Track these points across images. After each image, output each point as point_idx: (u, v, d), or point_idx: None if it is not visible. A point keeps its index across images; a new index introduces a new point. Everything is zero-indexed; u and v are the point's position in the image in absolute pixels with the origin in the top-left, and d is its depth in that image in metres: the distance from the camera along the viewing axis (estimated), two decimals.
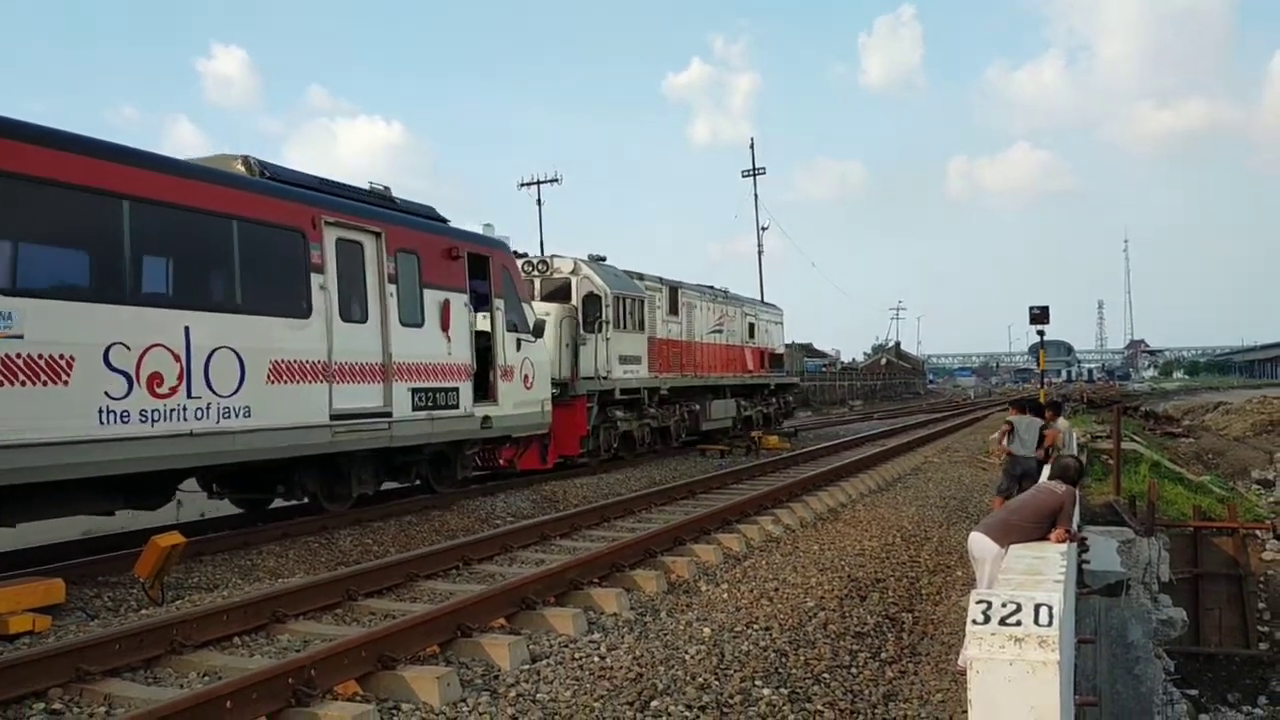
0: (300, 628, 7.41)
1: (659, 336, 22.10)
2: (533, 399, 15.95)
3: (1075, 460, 8.88)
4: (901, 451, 24.07)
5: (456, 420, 13.86)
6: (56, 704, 5.84)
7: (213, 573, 9.85)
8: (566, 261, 19.53)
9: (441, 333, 13.63)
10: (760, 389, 29.29)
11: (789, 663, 7.13)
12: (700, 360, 24.57)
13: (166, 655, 6.61)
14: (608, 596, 8.21)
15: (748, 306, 28.86)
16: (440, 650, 6.74)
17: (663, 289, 22.61)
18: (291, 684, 5.55)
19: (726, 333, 26.70)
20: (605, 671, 6.47)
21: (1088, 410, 44.22)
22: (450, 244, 13.98)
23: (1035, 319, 27.39)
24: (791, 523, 12.73)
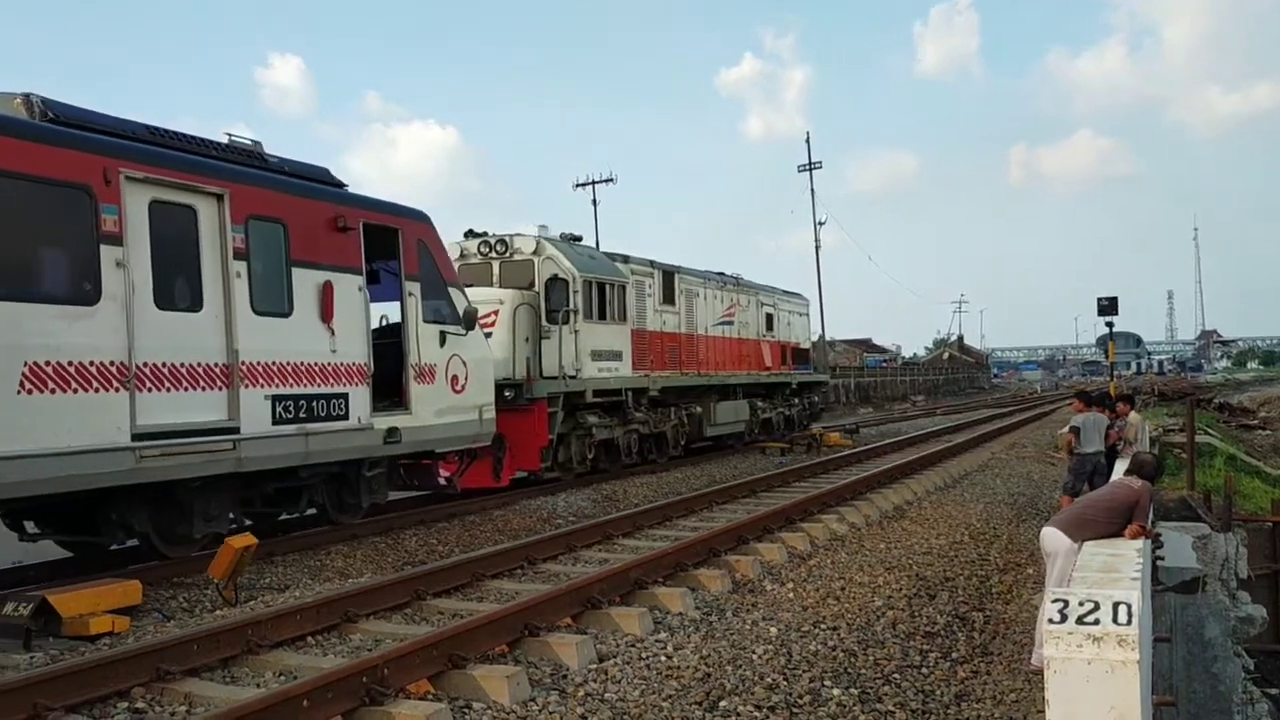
0: (371, 627, 7.49)
1: (649, 329, 19.11)
2: (464, 405, 13.06)
3: (1152, 456, 8.92)
4: (967, 448, 23.61)
5: (344, 435, 11.02)
6: (139, 703, 5.93)
7: (284, 573, 10.07)
8: (528, 240, 16.62)
9: (320, 324, 10.80)
10: (780, 388, 26.13)
11: (858, 662, 7.06)
12: (704, 356, 21.53)
13: (243, 655, 6.66)
14: (673, 596, 8.23)
15: (765, 295, 25.71)
16: (508, 649, 6.79)
17: (654, 274, 19.61)
18: (365, 683, 5.60)
19: (738, 324, 23.62)
20: (673, 671, 6.52)
21: (1159, 403, 42.20)
22: (336, 211, 11.13)
23: (1103, 310, 26.97)
24: (856, 521, 12.58)
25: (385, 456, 11.92)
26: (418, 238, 12.46)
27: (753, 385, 24.09)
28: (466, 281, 16.38)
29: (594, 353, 16.69)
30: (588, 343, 16.56)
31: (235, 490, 10.38)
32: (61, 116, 8.92)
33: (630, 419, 18.07)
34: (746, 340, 24.07)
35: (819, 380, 29.66)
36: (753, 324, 24.57)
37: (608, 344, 17.17)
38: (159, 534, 9.84)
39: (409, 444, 12.07)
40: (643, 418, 18.50)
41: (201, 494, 9.90)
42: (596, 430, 16.99)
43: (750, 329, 24.38)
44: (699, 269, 22.08)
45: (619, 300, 17.62)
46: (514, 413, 15.25)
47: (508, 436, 15.23)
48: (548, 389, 15.54)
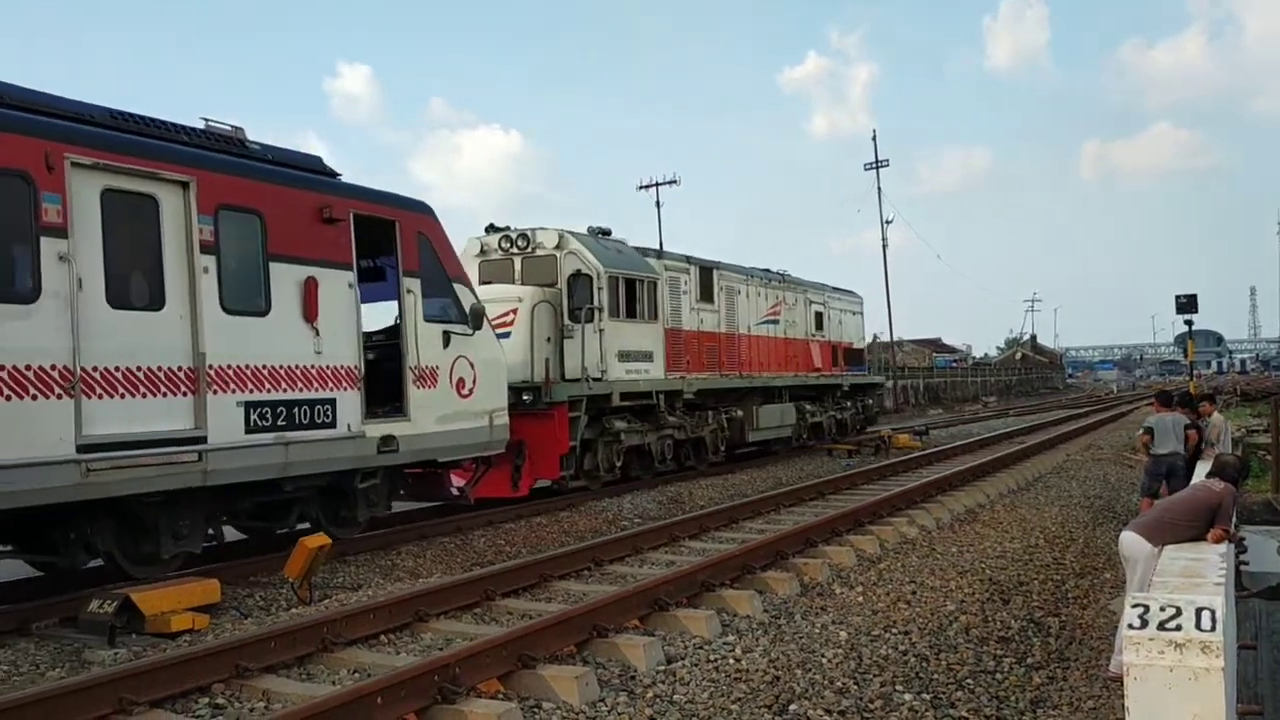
0: (442, 626, 7.57)
1: (684, 328, 18.07)
2: (472, 410, 12.17)
3: (1235, 458, 8.86)
4: (1041, 449, 23.09)
5: (331, 444, 10.19)
6: (219, 699, 6.05)
7: (356, 573, 10.29)
8: (550, 234, 15.69)
9: (304, 324, 9.99)
10: (830, 390, 24.89)
11: (930, 667, 7.00)
12: (745, 356, 20.44)
13: (318, 653, 6.78)
14: (740, 598, 8.22)
15: (814, 292, 24.50)
16: (577, 650, 6.81)
17: (690, 270, 18.56)
18: (438, 681, 5.67)
19: (784, 323, 22.47)
20: (741, 674, 6.50)
21: (1242, 403, 40.61)
22: (321, 201, 10.31)
23: (1182, 308, 26.32)
24: (927, 524, 12.39)
25: (381, 467, 11.05)
26: (417, 230, 11.60)
27: (800, 387, 22.91)
28: (487, 279, 15.59)
29: (621, 353, 15.72)
30: (614, 342, 15.59)
31: (210, 505, 9.60)
32: (4, 97, 8.19)
33: (663, 424, 17.06)
34: (793, 340, 22.90)
35: (873, 382, 28.30)
36: (800, 323, 23.40)
37: (637, 344, 16.18)
38: (124, 553, 9.09)
39: (407, 453, 11.21)
40: (677, 422, 17.48)
41: (169, 510, 9.13)
42: (625, 436, 16.02)
43: (798, 328, 23.21)
44: (741, 264, 20.98)
45: (650, 297, 16.63)
46: (533, 418, 14.36)
47: (527, 443, 14.35)
48: (568, 392, 14.60)
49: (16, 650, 7.41)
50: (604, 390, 15.26)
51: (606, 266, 15.51)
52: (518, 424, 14.17)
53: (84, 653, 7.34)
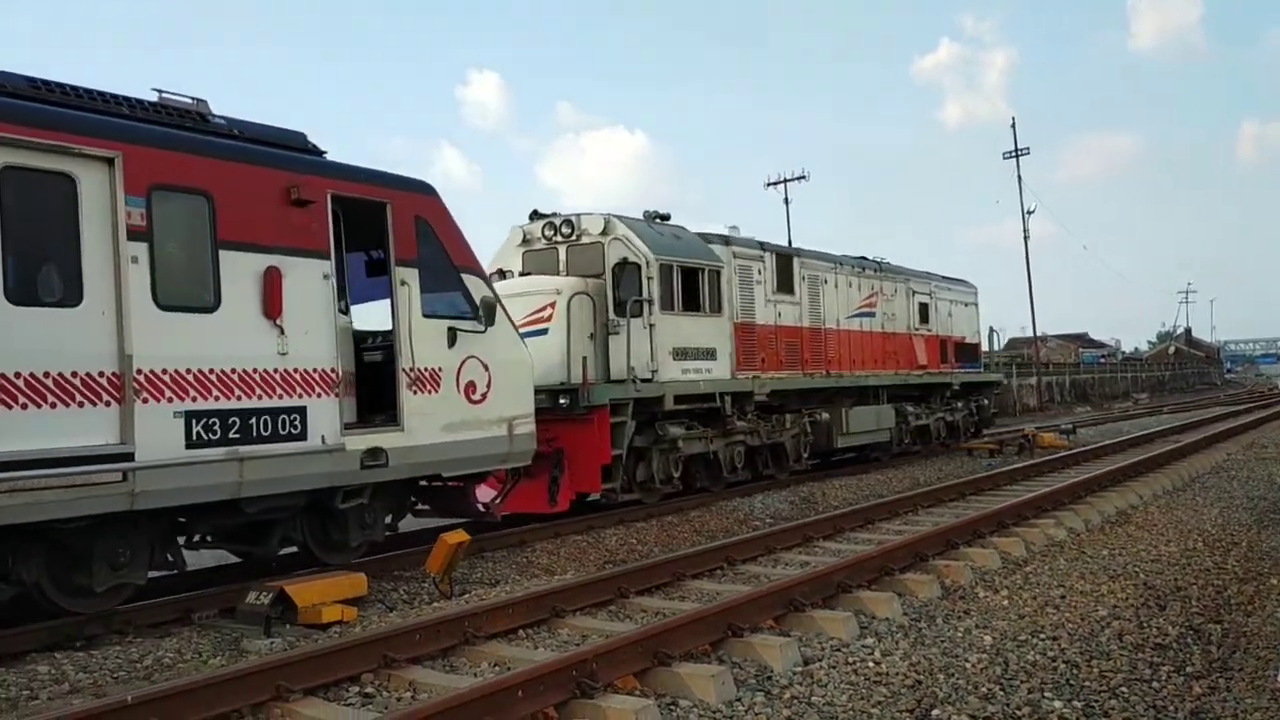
0: (578, 623, 7.73)
1: (758, 322, 16.36)
2: (485, 418, 10.79)
3: None
4: (1198, 448, 21.99)
5: (300, 459, 8.93)
6: (369, 688, 6.32)
7: (493, 569, 10.64)
8: (595, 219, 14.21)
9: (263, 321, 8.76)
10: (937, 389, 22.70)
11: (1081, 675, 6.70)
12: (834, 353, 18.57)
13: (460, 645, 7.02)
14: (879, 600, 8.14)
15: (918, 282, 22.37)
16: (711, 649, 6.85)
17: (765, 257, 16.81)
18: (576, 676, 5.78)
19: (881, 316, 20.47)
20: (881, 677, 6.41)
21: None
22: (289, 180, 9.07)
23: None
24: (1076, 526, 12.02)
25: (368, 485, 9.73)
26: (415, 214, 10.27)
27: (900, 387, 20.86)
28: (531, 269, 14.24)
29: (676, 350, 14.13)
30: (668, 338, 14.00)
31: (155, 530, 8.45)
32: None
33: (731, 429, 15.38)
34: (893, 334, 20.88)
35: (988, 380, 25.84)
36: (901, 315, 21.34)
37: (695, 340, 14.56)
38: (55, 585, 8.00)
39: (401, 468, 9.89)
40: (747, 427, 15.76)
41: (103, 537, 8.00)
42: (684, 443, 14.40)
43: (898, 321, 21.17)
44: (828, 252, 19.10)
45: (713, 288, 14.98)
46: (571, 424, 12.93)
47: (566, 452, 12.92)
48: (610, 394, 13.09)
49: (181, 638, 7.94)
50: (654, 392, 13.69)
51: (657, 254, 13.93)
52: (556, 431, 12.82)
53: (242, 642, 7.81)
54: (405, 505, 10.99)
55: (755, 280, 16.45)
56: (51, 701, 6.51)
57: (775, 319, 16.90)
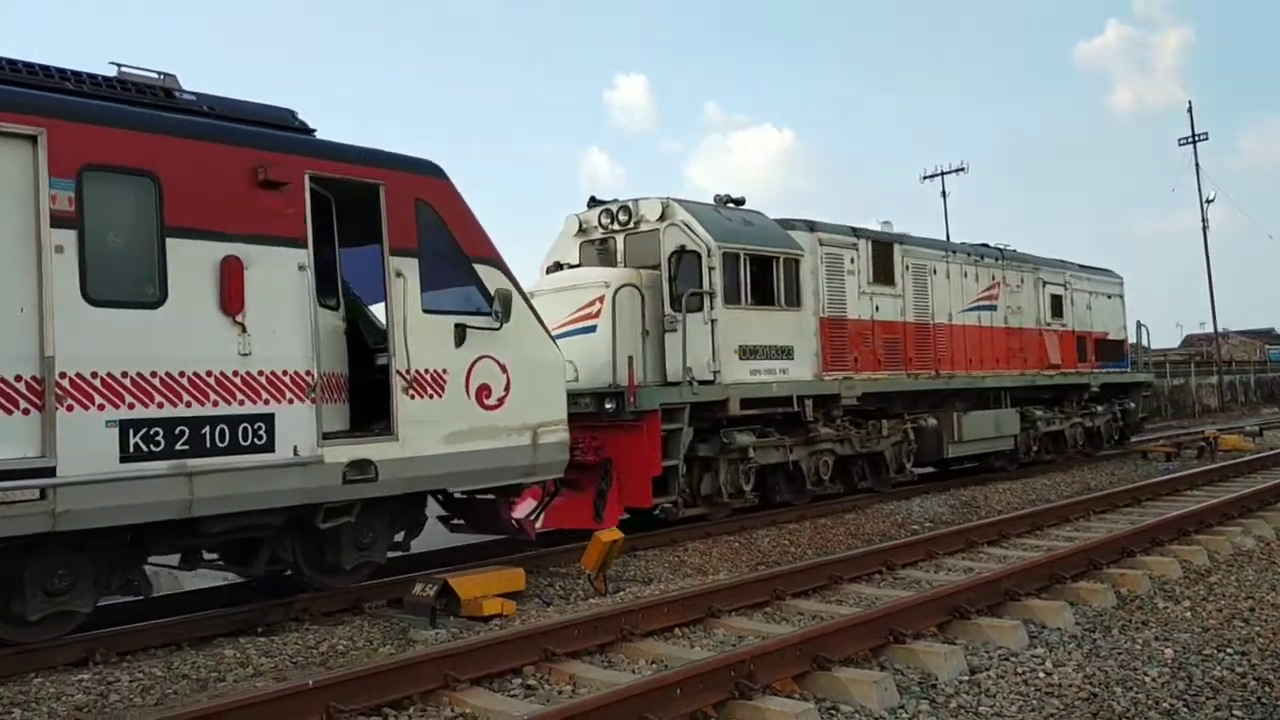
0: (734, 624, 7.72)
1: (849, 316, 14.75)
2: (503, 425, 9.67)
3: None
4: None
5: (265, 473, 7.97)
6: (530, 680, 6.44)
7: (646, 567, 10.77)
8: (653, 204, 12.90)
9: (221, 318, 7.83)
10: (1073, 391, 20.43)
11: (1275, 693, 6.32)
12: (944, 351, 16.75)
13: (617, 642, 7.10)
14: (1049, 609, 7.83)
15: (1049, 271, 20.18)
16: (871, 655, 6.75)
17: (858, 245, 15.15)
18: (734, 677, 5.79)
19: (1004, 309, 18.46)
20: (1053, 689, 6.22)
21: None
22: (257, 159, 8.12)
23: None
24: (1265, 534, 11.42)
25: (355, 501, 8.70)
26: (416, 197, 9.21)
27: (1028, 388, 18.78)
28: (588, 261, 13.09)
29: (743, 349, 12.68)
30: (732, 335, 12.58)
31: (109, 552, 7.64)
32: None
33: (815, 436, 13.82)
34: (1018, 329, 18.82)
35: (1135, 381, 23.25)
36: (1029, 308, 19.24)
37: (768, 336, 13.07)
38: None
39: (394, 482, 8.83)
40: (834, 434, 14.16)
41: (33, 561, 7.21)
42: (756, 452, 12.95)
43: (1025, 315, 19.08)
44: (937, 238, 17.24)
45: (790, 279, 13.45)
46: (617, 431, 11.69)
47: (616, 462, 11.68)
48: (661, 398, 11.75)
49: (353, 627, 8.37)
50: (716, 395, 12.28)
51: (721, 240, 12.51)
52: (604, 439, 11.62)
53: (409, 632, 8.18)
54: (418, 522, 9.94)
55: (847, 270, 14.83)
56: (238, 684, 6.93)
57: (871, 313, 15.23)
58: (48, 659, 7.32)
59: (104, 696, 6.69)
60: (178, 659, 7.46)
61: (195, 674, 7.14)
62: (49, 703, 6.53)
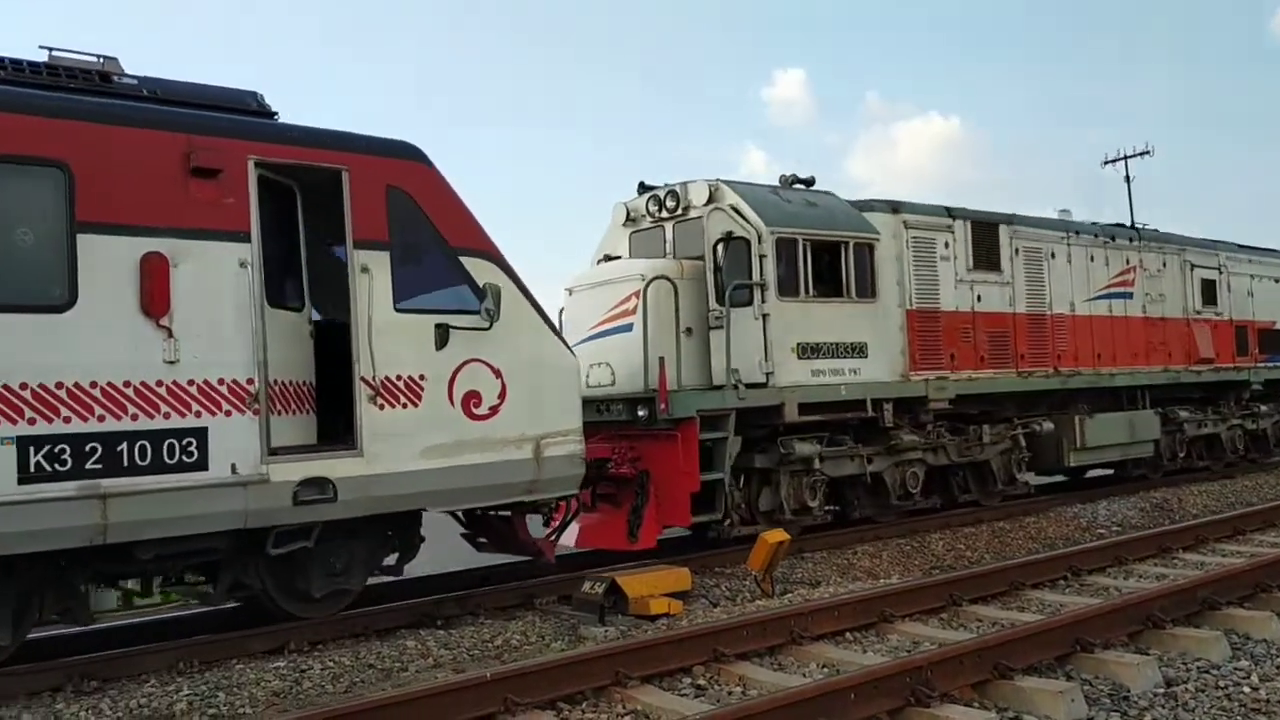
0: (908, 629, 7.59)
1: (942, 308, 13.10)
2: (498, 437, 8.67)
3: None
4: None
5: (195, 494, 7.16)
6: (700, 680, 6.48)
7: (813, 569, 10.56)
8: (700, 188, 11.61)
9: (143, 320, 7.09)
10: (1231, 389, 17.95)
11: None
12: (1066, 344, 14.85)
13: (787, 644, 7.06)
14: (1254, 620, 7.35)
15: (1197, 253, 17.79)
16: (1057, 664, 6.51)
17: (954, 227, 13.47)
18: (910, 683, 5.70)
19: (1141, 296, 16.31)
20: (1260, 705, 5.84)
21: None
22: (189, 145, 7.33)
23: None
24: None
25: (313, 525, 7.81)
26: (387, 183, 8.28)
27: (1170, 386, 16.53)
28: (637, 252, 11.98)
29: (802, 347, 11.25)
30: (789, 332, 11.17)
31: (28, 582, 7.00)
32: None
33: (897, 445, 12.25)
34: (1160, 320, 16.58)
35: None
36: (1173, 295, 16.96)
37: (834, 332, 11.59)
38: None
39: (357, 502, 7.92)
40: (920, 441, 12.54)
41: None
42: (824, 463, 11.51)
43: (1168, 303, 16.82)
44: (1051, 217, 15.26)
45: (862, 267, 11.92)
46: (652, 441, 10.49)
47: (654, 476, 10.50)
48: (699, 404, 10.48)
49: (525, 622, 8.60)
50: (768, 400, 10.91)
51: (774, 225, 11.12)
52: (642, 449, 10.50)
53: (579, 628, 8.33)
54: (411, 544, 9.02)
55: (940, 255, 13.18)
56: (419, 674, 7.26)
57: (972, 303, 13.51)
58: (247, 647, 7.86)
59: (297, 683, 7.06)
60: (364, 649, 7.84)
61: (380, 664, 7.49)
62: (249, 688, 6.92)
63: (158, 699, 6.73)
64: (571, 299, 11.86)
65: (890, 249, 12.50)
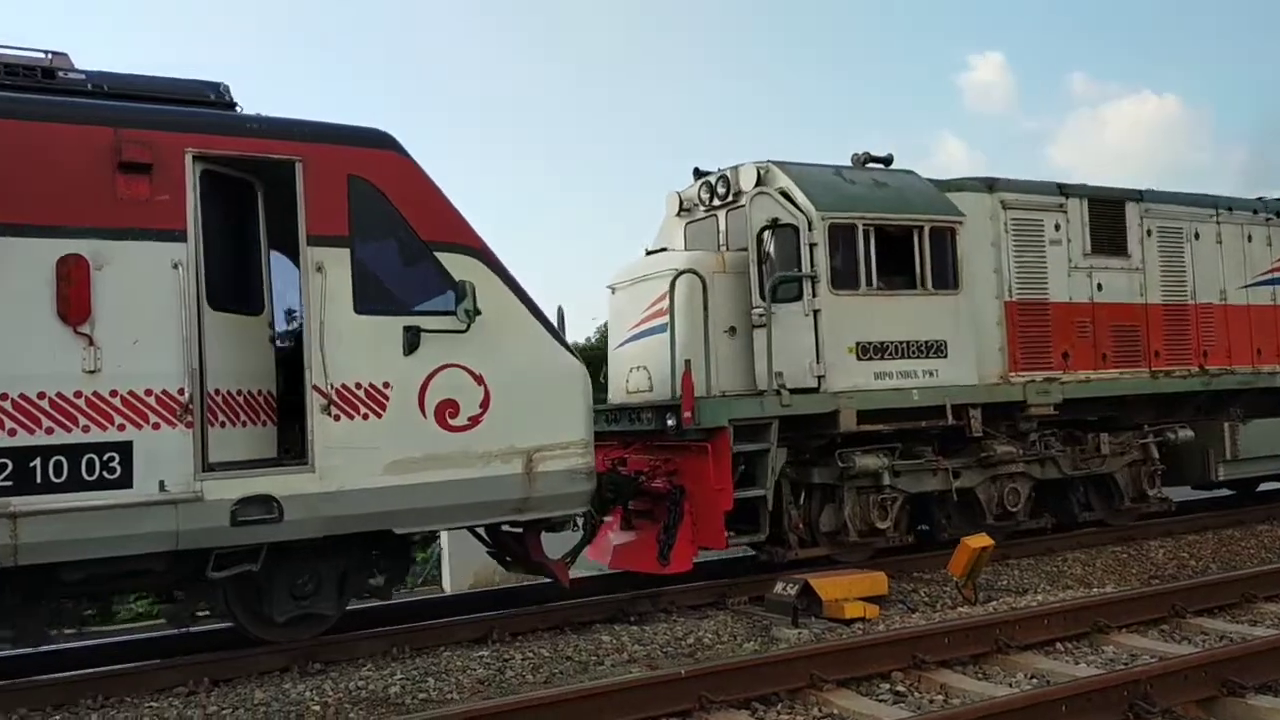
0: (1124, 640, 7.30)
1: (1051, 299, 11.50)
2: (480, 450, 7.90)
3: None
4: None
5: (117, 514, 6.67)
6: (899, 686, 6.36)
7: (1020, 576, 10.19)
8: (749, 170, 10.46)
9: (59, 326, 6.67)
10: None
11: None
12: (1214, 339, 12.87)
13: (992, 653, 6.86)
14: None
15: None
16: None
17: (1067, 205, 11.81)
18: (1127, 698, 5.51)
19: None
20: None
21: None
22: (115, 138, 6.87)
23: None
24: None
25: (254, 546, 7.21)
26: (349, 173, 7.63)
27: None
28: (692, 245, 11.02)
29: (861, 346, 9.93)
30: (845, 329, 9.87)
31: None
32: None
33: (991, 457, 10.74)
34: None
35: None
36: None
37: (903, 329, 10.18)
38: None
39: (309, 522, 7.28)
40: (1015, 452, 10.95)
41: None
42: (899, 478, 10.17)
43: None
44: (1189, 192, 13.21)
45: (940, 254, 10.47)
46: (683, 454, 9.47)
47: (690, 492, 9.49)
48: (731, 412, 9.35)
49: (717, 621, 8.62)
50: (817, 407, 9.67)
51: (827, 210, 9.85)
52: (678, 462, 9.54)
53: (771, 629, 8.30)
54: (400, 565, 8.35)
55: (1049, 239, 11.57)
56: (614, 668, 7.43)
57: (1090, 293, 11.81)
58: (454, 635, 8.32)
59: (500, 672, 7.31)
60: (562, 641, 8.07)
61: (577, 656, 7.67)
62: (456, 675, 7.23)
63: (374, 682, 7.09)
64: (614, 297, 10.96)
65: (984, 233, 11.03)
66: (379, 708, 6.70)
